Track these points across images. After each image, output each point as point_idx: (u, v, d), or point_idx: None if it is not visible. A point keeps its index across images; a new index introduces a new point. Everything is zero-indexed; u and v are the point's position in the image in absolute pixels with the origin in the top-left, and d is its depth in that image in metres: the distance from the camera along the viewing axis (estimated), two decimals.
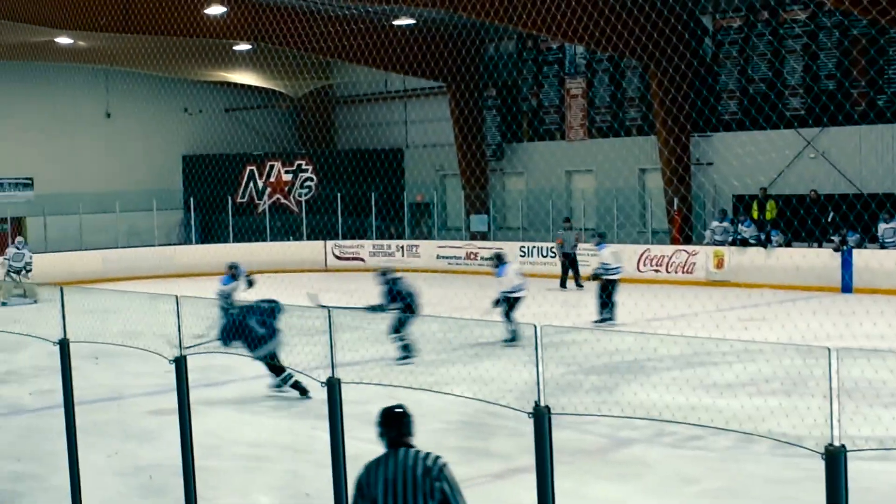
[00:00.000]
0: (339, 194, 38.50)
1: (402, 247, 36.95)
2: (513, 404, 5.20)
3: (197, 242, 39.48)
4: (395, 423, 6.35)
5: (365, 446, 10.67)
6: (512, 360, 17.51)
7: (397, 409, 6.37)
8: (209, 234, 40.01)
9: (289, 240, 38.56)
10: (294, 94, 42.83)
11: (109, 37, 33.18)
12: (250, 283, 19.63)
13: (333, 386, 5.61)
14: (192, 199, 40.79)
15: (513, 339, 19.66)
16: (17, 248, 30.15)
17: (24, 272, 29.80)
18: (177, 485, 7.07)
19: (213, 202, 40.07)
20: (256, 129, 43.41)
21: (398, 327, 18.48)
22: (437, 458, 6.20)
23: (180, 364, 6.81)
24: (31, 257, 30.20)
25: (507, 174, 38.72)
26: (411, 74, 37.94)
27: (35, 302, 28.57)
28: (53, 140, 39.89)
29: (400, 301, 18.59)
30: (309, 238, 38.66)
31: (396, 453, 6.22)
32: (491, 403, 12.00)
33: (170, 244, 39.17)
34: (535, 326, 6.24)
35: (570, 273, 30.48)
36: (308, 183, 41.61)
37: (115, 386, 16.73)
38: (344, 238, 38.11)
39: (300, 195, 41.48)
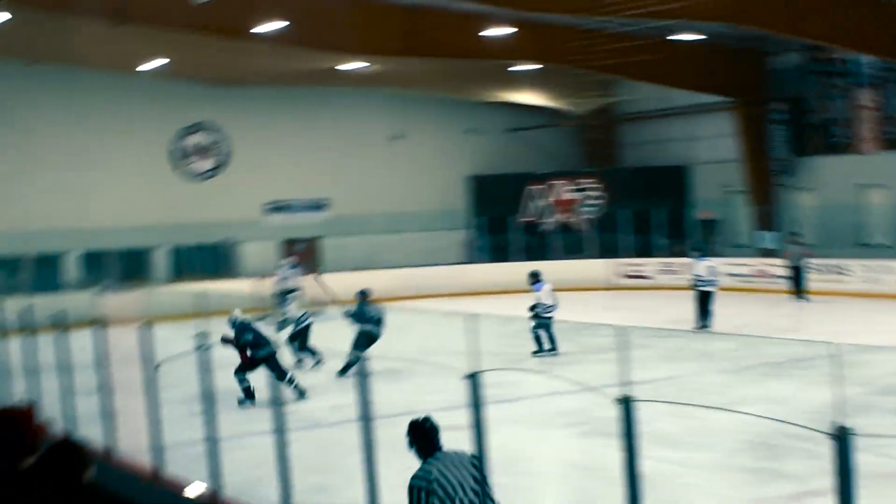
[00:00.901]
0: (624, 212, 38.23)
1: (689, 264, 36.32)
2: (806, 424, 5.05)
3: (485, 261, 39.98)
4: (429, 434, 7.26)
5: (655, 465, 10.54)
6: (802, 380, 17.03)
7: (427, 424, 7.30)
8: (496, 252, 40.41)
9: (575, 258, 38.52)
10: (577, 113, 42.89)
11: (396, 60, 34.10)
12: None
13: (627, 404, 5.55)
14: (478, 219, 41.43)
15: (552, 350, 21.71)
16: (285, 270, 31.33)
17: (293, 293, 30.75)
18: None
19: (498, 221, 40.53)
20: (540, 147, 43.69)
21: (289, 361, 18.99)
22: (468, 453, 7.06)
23: (475, 380, 6.89)
24: (298, 280, 31.14)
25: (797, 189, 37.60)
26: (695, 90, 37.42)
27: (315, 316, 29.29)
28: (345, 162, 41.34)
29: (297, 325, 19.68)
30: (595, 256, 38.46)
31: (442, 457, 7.14)
32: (785, 423, 11.67)
33: (457, 263, 39.82)
34: (832, 345, 6.04)
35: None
36: (593, 201, 41.56)
37: (409, 402, 17.07)
38: (630, 256, 37.79)
39: (585, 213, 41.47)
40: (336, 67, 35.26)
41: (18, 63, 34.88)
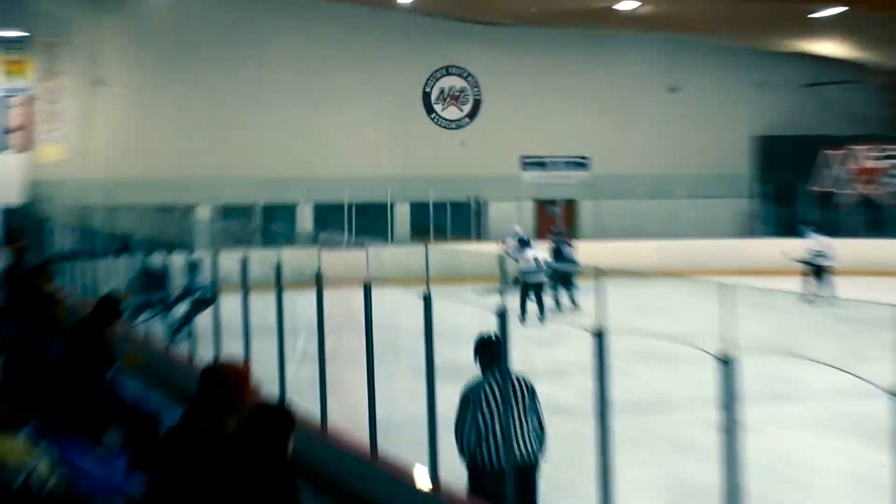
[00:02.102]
0: None
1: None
2: None
3: (769, 235, 39.05)
4: (491, 349, 8.52)
5: None
6: None
7: (492, 338, 8.52)
8: (783, 226, 39.42)
9: (877, 237, 37.16)
10: (886, 67, 41.36)
11: (676, 1, 33.57)
12: None
13: None
14: (764, 186, 40.50)
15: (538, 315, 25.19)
16: (514, 240, 31.49)
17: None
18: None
19: (788, 190, 39.53)
20: (840, 107, 42.29)
21: None
22: (528, 379, 8.80)
23: (729, 367, 6.60)
24: (524, 256, 31.16)
25: None
26: None
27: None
28: (610, 115, 41.07)
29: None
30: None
31: (495, 373, 8.55)
32: None
33: (736, 237, 39.04)
34: None
35: None
36: None
37: (661, 390, 16.77)
38: None
39: (891, 185, 40.05)
40: (606, 7, 34.93)
41: None
